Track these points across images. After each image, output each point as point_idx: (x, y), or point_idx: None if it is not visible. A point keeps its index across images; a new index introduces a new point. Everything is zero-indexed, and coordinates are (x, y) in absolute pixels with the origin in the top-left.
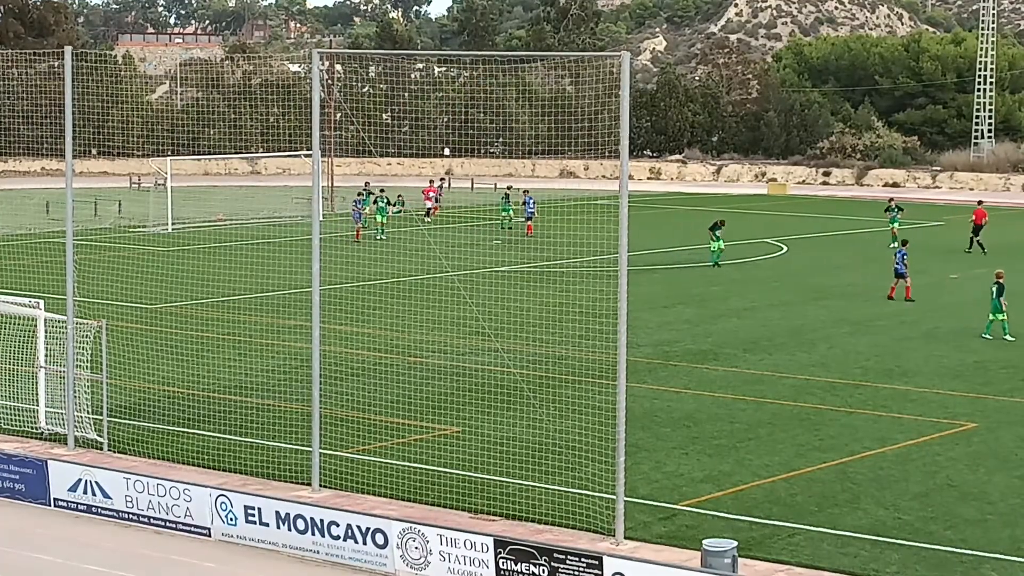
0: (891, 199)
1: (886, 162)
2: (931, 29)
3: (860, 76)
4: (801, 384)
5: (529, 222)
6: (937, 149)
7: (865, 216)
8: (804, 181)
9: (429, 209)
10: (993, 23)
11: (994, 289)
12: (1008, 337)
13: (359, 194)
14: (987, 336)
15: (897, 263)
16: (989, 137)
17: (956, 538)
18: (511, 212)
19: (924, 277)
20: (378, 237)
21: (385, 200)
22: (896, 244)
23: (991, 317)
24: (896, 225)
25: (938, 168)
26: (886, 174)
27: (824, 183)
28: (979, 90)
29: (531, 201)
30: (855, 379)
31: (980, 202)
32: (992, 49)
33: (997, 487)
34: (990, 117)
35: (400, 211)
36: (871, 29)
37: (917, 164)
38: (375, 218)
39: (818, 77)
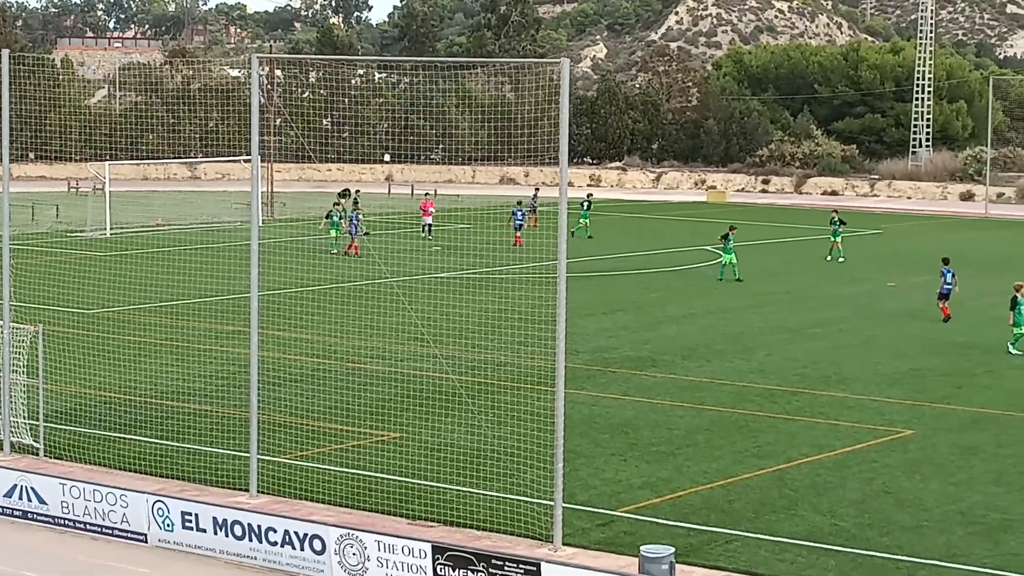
0: (835, 211)
1: (825, 170)
2: (870, 38)
3: (799, 84)
4: (739, 391)
5: (518, 233)
6: (875, 158)
7: (804, 224)
8: (743, 189)
9: (428, 225)
10: (931, 33)
11: (1012, 302)
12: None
13: (352, 204)
14: (1014, 351)
15: (948, 283)
16: (927, 146)
17: (892, 544)
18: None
19: (862, 285)
20: (332, 252)
21: (339, 214)
22: (839, 257)
23: (1016, 331)
24: (838, 239)
25: (876, 176)
26: (825, 182)
27: (763, 191)
28: (917, 99)
29: (520, 212)
30: (793, 386)
31: None
32: (930, 59)
33: (932, 494)
34: (928, 126)
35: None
36: (810, 38)
37: (855, 172)
38: (329, 232)
39: (758, 85)
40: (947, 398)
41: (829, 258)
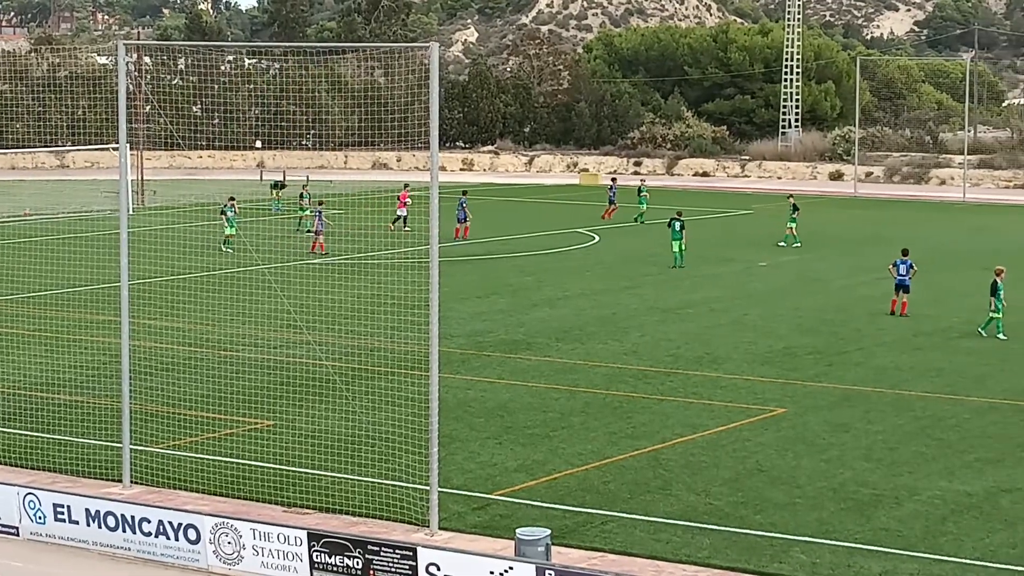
0: (791, 196)
1: (696, 152)
2: (739, 20)
3: (670, 67)
4: (613, 372)
5: (459, 225)
6: (746, 139)
7: (675, 205)
8: (616, 171)
9: (400, 217)
10: (799, 14)
11: (992, 287)
12: (1001, 336)
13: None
14: (982, 333)
15: (903, 274)
16: (796, 126)
17: (766, 522)
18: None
19: (733, 265)
20: (224, 249)
21: (234, 209)
22: (793, 243)
23: (994, 315)
24: (793, 225)
25: (747, 157)
26: (696, 163)
27: (635, 173)
28: (786, 80)
29: (464, 203)
30: (666, 367)
31: None
32: (798, 40)
33: (805, 471)
34: (797, 107)
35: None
36: (680, 20)
37: (726, 153)
38: (224, 229)
39: (628, 68)
40: (819, 376)
41: (796, 245)
